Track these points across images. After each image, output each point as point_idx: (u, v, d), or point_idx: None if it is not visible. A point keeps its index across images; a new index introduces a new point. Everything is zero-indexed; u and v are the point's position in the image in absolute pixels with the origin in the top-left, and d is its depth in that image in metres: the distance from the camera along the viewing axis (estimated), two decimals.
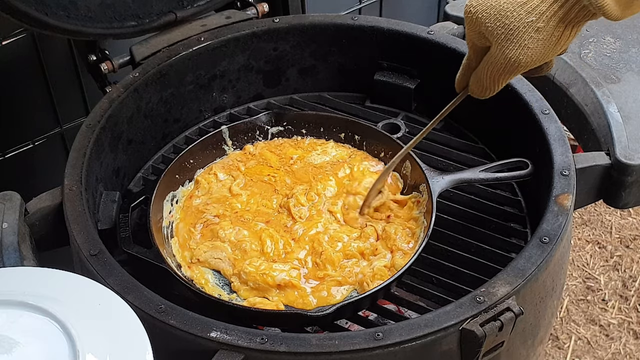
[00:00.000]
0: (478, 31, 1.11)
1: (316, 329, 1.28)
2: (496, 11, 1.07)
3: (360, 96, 1.70)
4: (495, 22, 1.08)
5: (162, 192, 1.42)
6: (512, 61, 1.09)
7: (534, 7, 1.05)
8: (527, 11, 1.05)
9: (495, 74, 1.12)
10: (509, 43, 1.08)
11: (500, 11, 1.07)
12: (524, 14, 1.05)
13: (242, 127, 1.55)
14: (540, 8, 1.05)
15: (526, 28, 1.06)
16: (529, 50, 1.08)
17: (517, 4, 1.06)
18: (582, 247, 2.44)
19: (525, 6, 1.05)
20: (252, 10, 1.71)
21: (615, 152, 1.41)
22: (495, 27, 1.08)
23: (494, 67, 1.12)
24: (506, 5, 1.07)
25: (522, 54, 1.08)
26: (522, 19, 1.06)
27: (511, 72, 1.11)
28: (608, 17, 1.03)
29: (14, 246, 1.26)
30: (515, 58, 1.09)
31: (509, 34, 1.07)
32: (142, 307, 1.14)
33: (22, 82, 1.75)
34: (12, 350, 0.92)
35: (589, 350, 2.20)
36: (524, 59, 1.08)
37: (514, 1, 1.06)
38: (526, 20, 1.05)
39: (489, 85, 1.15)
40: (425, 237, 1.30)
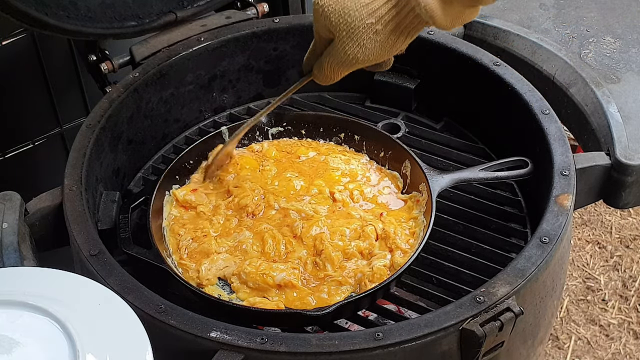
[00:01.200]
0: (324, 24, 1.15)
1: (316, 329, 1.28)
2: (341, 8, 1.12)
3: (360, 96, 1.70)
4: (339, 19, 1.12)
5: (162, 192, 1.42)
6: (350, 57, 1.15)
7: (375, 10, 1.10)
8: (368, 13, 1.10)
9: (335, 66, 1.18)
10: (349, 40, 1.13)
11: (345, 9, 1.11)
12: (365, 15, 1.10)
13: None
14: (380, 11, 1.10)
15: (366, 29, 1.11)
16: (366, 50, 1.13)
17: (360, 4, 1.10)
18: (582, 247, 2.45)
19: (367, 7, 1.10)
20: (252, 10, 1.71)
21: (615, 152, 1.41)
22: (338, 23, 1.12)
23: (334, 59, 1.17)
24: (350, 4, 1.11)
25: (360, 52, 1.14)
26: (363, 19, 1.11)
27: (349, 66, 1.17)
28: (438, 26, 1.08)
29: (14, 246, 1.26)
30: (353, 55, 1.14)
31: (350, 31, 1.12)
32: (142, 307, 1.14)
33: (22, 82, 1.75)
34: (12, 350, 0.92)
35: (589, 350, 2.20)
36: (361, 57, 1.14)
37: (358, 2, 1.10)
38: (366, 21, 1.11)
39: (329, 74, 1.21)
40: (425, 236, 1.30)
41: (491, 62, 1.52)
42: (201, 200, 1.45)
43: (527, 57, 1.66)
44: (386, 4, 1.09)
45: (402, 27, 1.12)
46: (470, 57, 1.54)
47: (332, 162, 1.50)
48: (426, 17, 1.07)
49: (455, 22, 1.10)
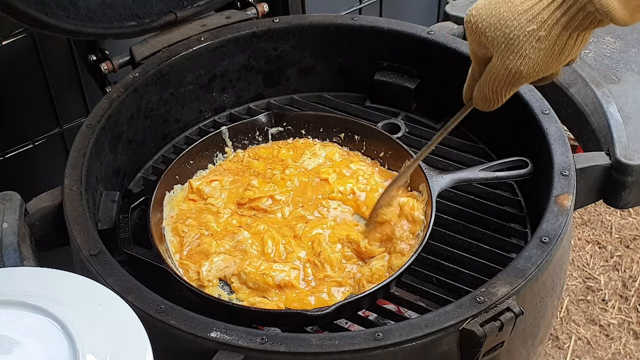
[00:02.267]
0: (479, 41, 1.06)
1: (316, 329, 1.28)
2: (496, 20, 1.02)
3: (360, 96, 1.70)
4: (495, 32, 1.03)
5: (162, 192, 1.42)
6: (512, 72, 1.04)
7: (535, 15, 1.00)
8: (528, 19, 1.00)
9: (497, 86, 1.08)
10: (509, 53, 1.03)
11: (501, 20, 1.02)
12: (525, 23, 1.01)
13: (242, 128, 1.55)
14: (542, 16, 1.00)
15: (527, 37, 1.01)
16: (530, 61, 1.03)
17: (517, 12, 1.01)
18: (582, 247, 2.44)
19: (526, 14, 1.01)
20: (252, 10, 1.71)
21: (615, 152, 1.41)
22: (495, 36, 1.03)
23: (495, 78, 1.07)
24: (507, 13, 1.02)
25: (524, 64, 1.03)
26: (523, 27, 1.01)
27: (513, 83, 1.06)
28: (616, 22, 0.97)
29: (14, 246, 1.26)
30: (516, 69, 1.04)
31: (510, 43, 1.02)
32: (142, 307, 1.14)
33: (22, 82, 1.75)
34: (12, 350, 0.92)
35: (589, 350, 2.20)
36: (526, 70, 1.04)
37: (514, 9, 1.01)
38: (527, 29, 1.01)
39: (492, 97, 1.10)
40: (425, 236, 1.30)
41: None
42: (214, 193, 1.45)
43: None
44: (548, 7, 0.99)
45: (571, 29, 1.00)
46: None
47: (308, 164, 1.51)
48: (602, 15, 0.96)
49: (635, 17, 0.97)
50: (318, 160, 1.52)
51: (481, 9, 1.04)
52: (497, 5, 1.03)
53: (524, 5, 1.01)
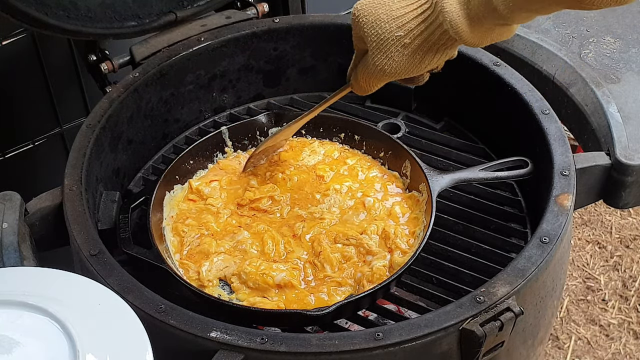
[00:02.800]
0: (358, 34, 1.15)
1: (316, 329, 1.28)
2: (374, 19, 1.11)
3: (360, 96, 1.70)
4: (371, 30, 1.12)
5: (162, 192, 1.42)
6: (378, 69, 1.14)
7: (405, 23, 1.09)
8: (398, 25, 1.09)
9: (367, 77, 1.17)
10: (378, 52, 1.13)
11: (377, 20, 1.11)
12: (395, 28, 1.10)
13: (242, 128, 1.55)
14: (410, 25, 1.09)
15: (394, 41, 1.10)
16: (394, 63, 1.12)
17: (391, 16, 1.09)
18: (582, 247, 2.44)
19: (397, 20, 1.09)
20: (252, 10, 1.71)
21: (615, 152, 1.41)
22: (370, 34, 1.12)
23: (366, 70, 1.16)
24: (383, 15, 1.10)
25: (387, 64, 1.13)
26: (393, 32, 1.10)
27: (379, 78, 1.16)
28: (465, 43, 1.07)
29: (14, 246, 1.26)
30: (381, 67, 1.13)
31: (380, 43, 1.12)
32: (142, 307, 1.14)
33: (22, 82, 1.75)
34: (12, 350, 0.92)
35: (589, 350, 2.20)
36: (389, 70, 1.13)
37: (390, 13, 1.10)
38: (395, 34, 1.10)
39: (364, 85, 1.20)
40: (425, 236, 1.30)
41: (491, 62, 1.52)
42: (213, 193, 1.45)
43: (527, 57, 1.66)
44: (416, 18, 1.08)
45: (431, 42, 1.10)
46: (470, 57, 1.54)
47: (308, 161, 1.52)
48: (453, 34, 1.05)
49: (484, 40, 1.08)
50: (317, 158, 1.52)
51: (365, 5, 1.14)
52: (378, 5, 1.12)
53: (398, 12, 1.10)
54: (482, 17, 1.03)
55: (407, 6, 1.09)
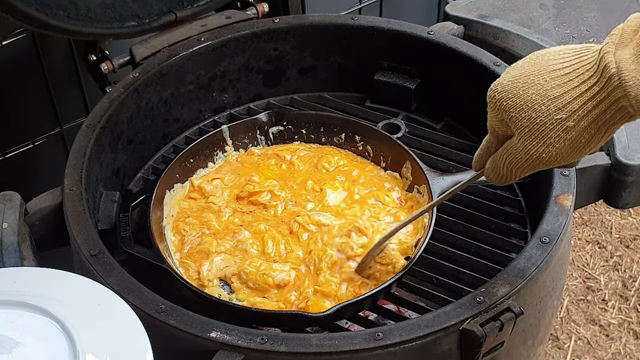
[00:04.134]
0: (500, 118, 1.02)
1: (316, 329, 1.28)
2: (523, 101, 0.98)
3: (360, 96, 1.70)
4: (521, 114, 0.98)
5: (162, 192, 1.42)
6: (533, 157, 1.00)
7: (566, 104, 0.95)
8: (558, 107, 0.96)
9: (514, 166, 1.03)
10: (532, 138, 0.99)
11: (528, 102, 0.97)
12: (554, 110, 0.96)
13: (243, 127, 1.55)
14: (573, 105, 0.95)
15: (554, 125, 0.97)
16: (553, 149, 0.98)
17: (547, 97, 0.96)
18: (582, 247, 2.44)
19: (556, 101, 0.96)
20: (252, 10, 1.71)
21: (615, 152, 1.41)
22: (520, 118, 0.98)
23: (513, 158, 1.03)
24: (535, 97, 0.97)
25: (546, 152, 0.99)
26: (551, 114, 0.96)
27: (532, 167, 1.03)
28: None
29: (14, 246, 1.26)
30: (537, 155, 1.00)
31: (534, 129, 0.98)
32: (142, 307, 1.14)
33: (22, 82, 1.75)
34: (12, 350, 0.92)
35: (589, 350, 2.20)
36: (547, 158, 0.99)
37: (544, 94, 0.96)
38: (555, 117, 0.96)
39: (506, 174, 1.06)
40: (425, 237, 1.30)
41: (491, 62, 1.52)
42: (215, 191, 1.46)
43: None
44: (581, 97, 0.94)
45: (600, 123, 0.95)
46: (470, 57, 1.54)
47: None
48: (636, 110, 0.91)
49: None
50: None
51: (507, 86, 1.00)
52: (526, 86, 0.98)
53: (555, 92, 0.96)
54: None
55: (566, 83, 0.95)
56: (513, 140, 1.02)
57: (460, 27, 1.71)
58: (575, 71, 0.96)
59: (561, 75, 0.96)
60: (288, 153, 1.53)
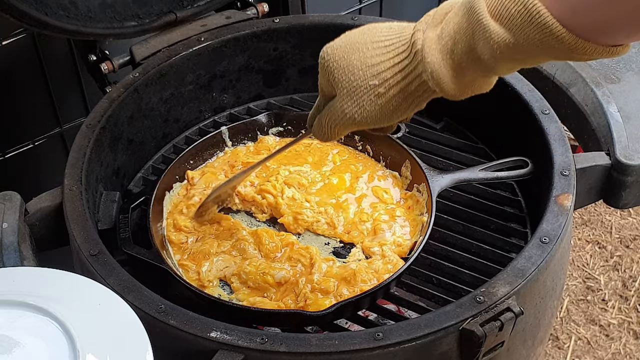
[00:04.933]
0: (327, 78, 1.09)
1: (316, 329, 1.28)
2: (346, 65, 1.06)
3: None
4: (342, 76, 1.06)
5: (162, 192, 1.42)
6: (347, 117, 1.08)
7: (380, 72, 1.03)
8: (373, 74, 1.04)
9: (332, 123, 1.11)
10: (348, 99, 1.06)
11: (349, 66, 1.05)
12: (369, 76, 1.04)
13: (242, 128, 1.55)
14: (385, 74, 1.03)
15: (367, 90, 1.05)
16: (364, 111, 1.06)
17: (366, 64, 1.04)
18: (582, 247, 2.45)
19: (372, 69, 1.04)
20: (252, 10, 1.71)
21: (615, 152, 1.41)
22: (341, 80, 1.06)
23: (332, 117, 1.10)
24: (356, 62, 1.05)
25: (358, 113, 1.07)
26: (367, 80, 1.04)
27: (346, 126, 1.10)
28: (446, 95, 1.02)
29: (14, 246, 1.26)
30: (350, 115, 1.07)
31: (351, 91, 1.06)
32: (142, 307, 1.14)
33: (22, 82, 1.75)
34: (12, 350, 0.92)
35: (589, 350, 2.20)
36: (359, 118, 1.07)
37: (364, 60, 1.04)
38: (369, 82, 1.04)
39: (327, 132, 1.13)
40: (425, 237, 1.30)
41: None
42: (202, 183, 1.48)
43: None
44: (393, 68, 1.02)
45: (407, 93, 1.04)
46: None
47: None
48: (433, 85, 1.00)
49: (466, 92, 1.03)
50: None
51: (336, 49, 1.08)
52: (351, 51, 1.06)
53: (373, 60, 1.04)
54: (466, 67, 0.98)
55: (384, 54, 1.03)
56: (334, 99, 1.09)
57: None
58: (393, 44, 1.03)
59: (382, 47, 1.04)
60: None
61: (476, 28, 0.93)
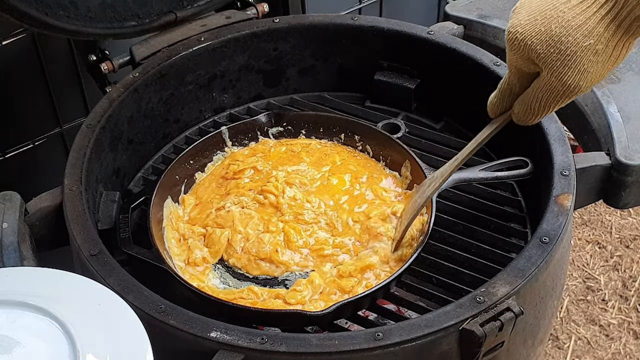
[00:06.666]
0: (527, 57, 1.05)
1: (316, 329, 1.28)
2: (548, 37, 1.01)
3: (360, 96, 1.70)
4: (549, 48, 1.01)
5: (162, 192, 1.42)
6: (571, 87, 1.04)
7: (591, 30, 0.99)
8: (584, 34, 0.99)
9: (551, 100, 1.07)
10: (567, 69, 1.02)
11: (553, 36, 1.01)
12: (581, 38, 0.99)
13: (242, 128, 1.55)
14: (598, 29, 0.99)
15: (584, 52, 1.00)
16: (588, 75, 1.02)
17: (570, 27, 0.99)
18: (582, 247, 2.45)
19: (580, 29, 0.99)
20: (252, 10, 1.71)
21: (615, 152, 1.41)
22: (548, 53, 1.02)
23: (549, 93, 1.06)
24: (559, 29, 1.00)
25: (582, 78, 1.02)
26: (579, 42, 1.00)
27: (569, 97, 1.06)
28: None
29: (14, 246, 1.26)
30: (574, 84, 1.03)
31: (566, 59, 1.01)
32: (142, 307, 1.14)
33: (22, 82, 1.75)
34: (12, 350, 0.92)
35: (589, 350, 2.20)
36: (584, 84, 1.03)
37: (566, 24, 1.00)
38: (583, 44, 1.00)
39: (540, 111, 1.10)
40: (425, 236, 1.30)
41: (491, 62, 1.52)
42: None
43: None
44: (603, 20, 0.98)
45: (625, 38, 1.00)
46: (470, 57, 1.54)
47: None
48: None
49: None
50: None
51: (527, 25, 1.03)
52: (546, 21, 1.02)
53: (576, 20, 1.00)
54: None
55: (585, 10, 0.99)
56: (544, 76, 1.05)
57: (460, 27, 1.71)
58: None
59: (577, 5, 1.00)
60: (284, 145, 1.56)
61: None
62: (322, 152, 1.53)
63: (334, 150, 1.54)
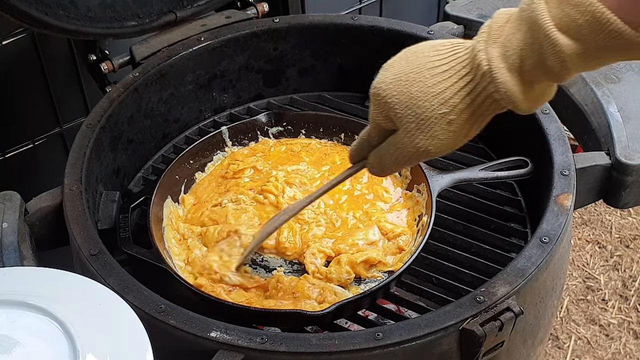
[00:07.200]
0: (386, 114, 1.07)
1: (316, 328, 1.28)
2: (407, 98, 1.03)
3: (360, 96, 1.70)
4: (406, 110, 1.04)
5: (162, 192, 1.42)
6: (420, 150, 1.06)
7: (447, 99, 1.01)
8: (440, 102, 1.02)
9: (400, 158, 1.09)
10: (419, 132, 1.04)
11: (412, 99, 1.03)
12: (437, 105, 1.02)
13: (242, 128, 1.55)
14: (454, 100, 1.01)
15: (438, 119, 1.02)
16: (439, 141, 1.04)
17: (430, 94, 1.02)
18: (582, 247, 2.45)
19: (438, 97, 1.02)
20: (252, 10, 1.71)
21: (615, 152, 1.41)
22: (405, 114, 1.04)
23: (400, 151, 1.08)
24: (418, 93, 1.03)
25: (432, 144, 1.05)
26: (435, 110, 1.02)
27: (418, 159, 1.09)
28: (518, 111, 1.01)
29: (14, 246, 1.26)
30: (424, 148, 1.05)
31: (420, 123, 1.03)
32: (142, 307, 1.14)
33: (22, 82, 1.75)
34: (12, 350, 0.92)
35: (589, 350, 2.20)
36: (434, 150, 1.05)
37: (426, 90, 1.02)
38: (438, 111, 1.02)
39: (391, 167, 1.12)
40: (425, 236, 1.30)
41: None
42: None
43: None
44: (460, 92, 1.01)
45: (478, 114, 1.03)
46: None
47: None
48: (506, 103, 0.99)
49: (535, 105, 1.01)
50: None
51: (391, 84, 1.05)
52: (408, 83, 1.04)
53: (436, 88, 1.02)
54: (535, 81, 0.97)
55: (446, 80, 1.01)
56: (399, 134, 1.07)
57: (460, 26, 1.71)
58: (452, 68, 1.01)
59: (440, 73, 1.02)
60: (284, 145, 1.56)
61: (544, 42, 0.92)
62: (322, 152, 1.54)
63: (334, 150, 1.54)
